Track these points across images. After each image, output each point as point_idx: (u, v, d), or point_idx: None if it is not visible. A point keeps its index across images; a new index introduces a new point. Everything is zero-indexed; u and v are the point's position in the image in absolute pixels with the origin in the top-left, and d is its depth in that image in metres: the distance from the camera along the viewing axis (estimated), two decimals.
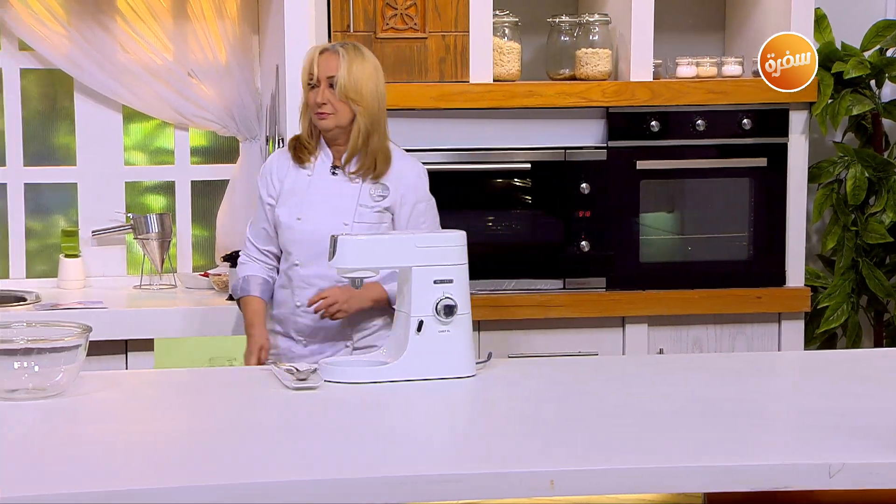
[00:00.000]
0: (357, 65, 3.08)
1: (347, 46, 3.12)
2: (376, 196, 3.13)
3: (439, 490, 2.04)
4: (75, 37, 3.92)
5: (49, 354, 2.52)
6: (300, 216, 3.14)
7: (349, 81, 3.07)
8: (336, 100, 3.07)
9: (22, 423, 2.38)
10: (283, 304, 3.20)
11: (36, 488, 1.97)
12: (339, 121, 3.10)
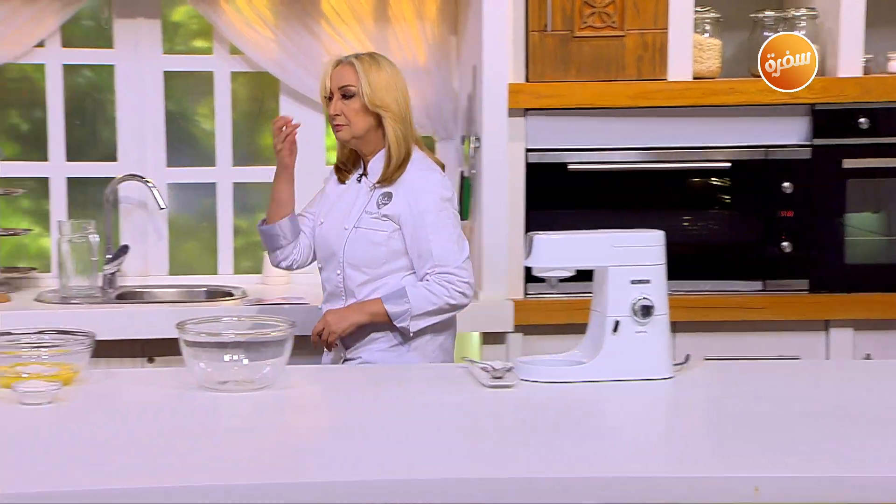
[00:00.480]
0: (374, 73, 3.05)
1: (362, 57, 3.09)
2: (381, 203, 3.08)
3: (640, 492, 2.01)
4: (282, 40, 4.05)
5: (257, 348, 2.62)
6: (322, 220, 3.19)
7: (371, 90, 3.04)
8: (350, 111, 3.05)
9: (234, 413, 2.47)
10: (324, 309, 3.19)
11: (254, 476, 2.04)
12: (354, 131, 3.07)
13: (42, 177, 4.07)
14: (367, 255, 3.07)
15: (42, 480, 1.99)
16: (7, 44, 3.88)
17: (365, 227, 3.07)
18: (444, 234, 3.04)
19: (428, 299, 3.03)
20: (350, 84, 3.04)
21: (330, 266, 3.14)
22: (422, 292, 3.03)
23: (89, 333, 2.72)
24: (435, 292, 3.03)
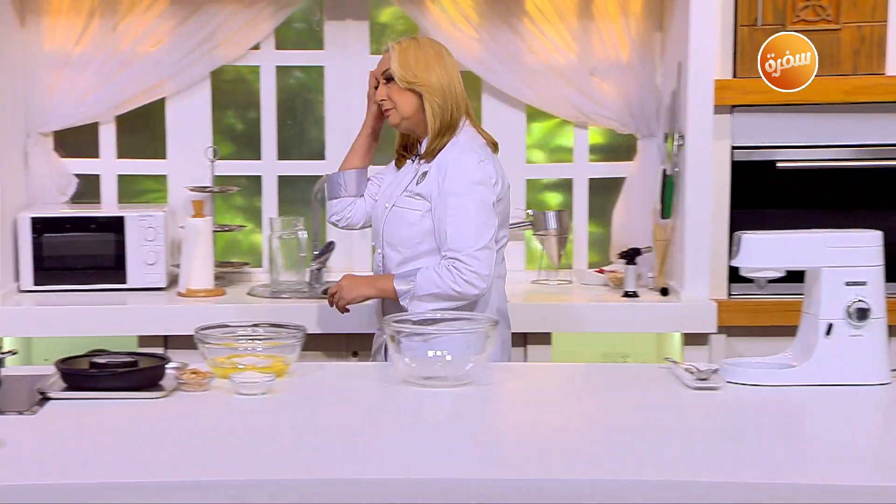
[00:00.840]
0: (411, 52, 3.03)
1: (402, 39, 3.09)
2: (420, 181, 3.04)
3: (850, 499, 1.94)
4: (486, 39, 4.08)
5: (461, 344, 2.64)
6: (377, 198, 3.20)
7: (402, 68, 3.02)
8: (393, 93, 3.05)
9: (437, 408, 2.50)
10: None
11: (456, 471, 2.06)
12: (402, 113, 3.06)
13: (255, 175, 4.22)
14: (401, 233, 3.04)
15: (256, 468, 2.07)
16: (225, 47, 4.04)
17: (401, 205, 3.05)
18: (462, 219, 2.94)
19: (433, 282, 2.95)
20: (388, 67, 3.06)
21: (376, 245, 3.16)
22: (430, 275, 2.96)
23: (301, 327, 2.80)
24: (442, 276, 2.95)
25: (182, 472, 2.04)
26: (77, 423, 2.32)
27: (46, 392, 2.48)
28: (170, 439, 2.25)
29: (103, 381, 2.51)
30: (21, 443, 2.17)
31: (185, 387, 2.56)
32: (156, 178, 4.21)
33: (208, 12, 3.99)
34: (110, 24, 3.96)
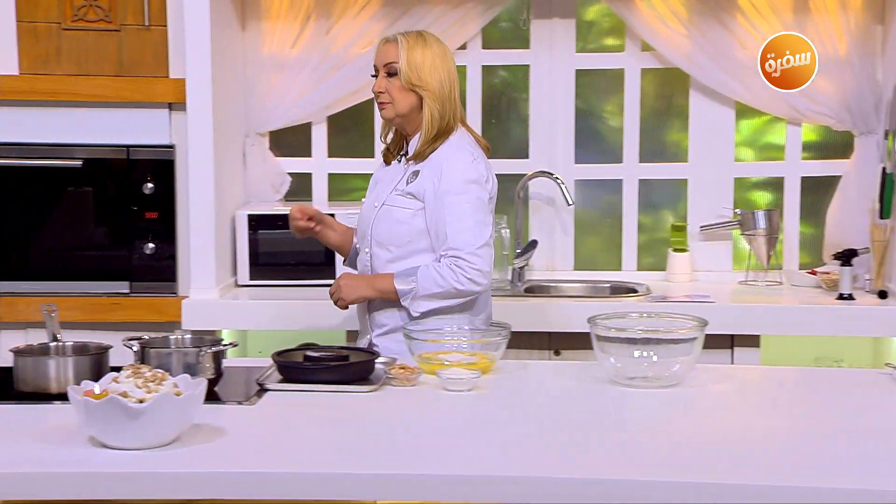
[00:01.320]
0: (418, 51, 2.96)
1: (409, 34, 2.99)
2: (409, 180, 3.00)
3: None
4: (695, 35, 4.01)
5: (667, 345, 2.61)
6: (364, 201, 3.14)
7: (409, 68, 2.95)
8: (394, 88, 2.97)
9: (642, 409, 2.48)
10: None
11: (659, 473, 2.04)
12: (398, 109, 2.99)
13: None
14: (391, 232, 3.00)
15: (462, 464, 2.09)
16: None
17: (391, 204, 3.01)
18: (461, 217, 2.92)
19: (435, 281, 2.92)
20: (393, 61, 2.97)
21: (362, 245, 3.10)
22: (431, 273, 2.93)
23: (506, 325, 2.82)
24: (444, 275, 2.92)
25: (391, 465, 2.08)
26: (292, 414, 2.40)
27: (264, 383, 2.58)
28: (379, 433, 2.30)
29: (317, 374, 2.59)
30: (241, 432, 2.26)
31: (394, 381, 2.61)
32: (364, 177, 4.30)
33: (418, 13, 4.06)
34: (324, 28, 4.08)
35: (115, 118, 3.73)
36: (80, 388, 2.17)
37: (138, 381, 2.15)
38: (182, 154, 3.75)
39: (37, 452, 2.10)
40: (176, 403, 2.12)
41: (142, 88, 3.70)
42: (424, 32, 3.02)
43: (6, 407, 2.42)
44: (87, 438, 2.14)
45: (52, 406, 2.42)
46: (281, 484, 2.01)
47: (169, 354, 2.61)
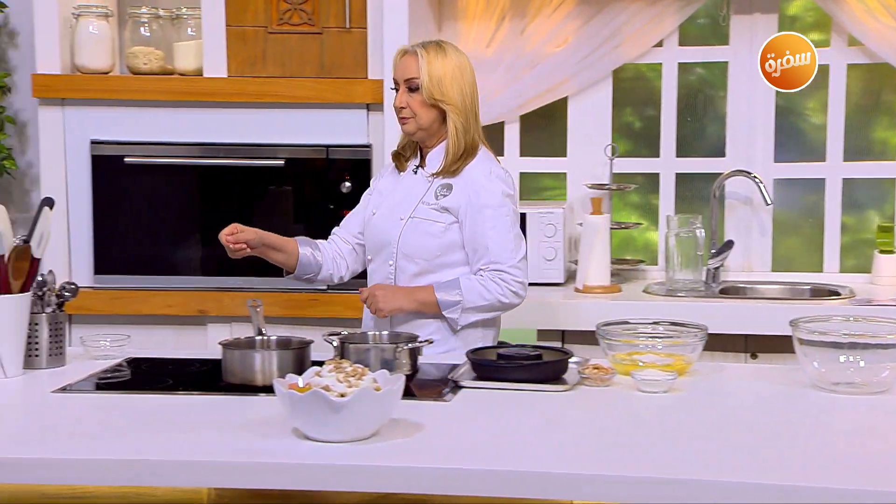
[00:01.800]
0: (438, 64, 2.93)
1: (428, 46, 2.96)
2: (439, 194, 2.98)
3: None
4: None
5: (875, 350, 2.51)
6: (375, 211, 3.08)
7: (431, 83, 2.93)
8: (416, 103, 2.95)
9: (848, 415, 2.39)
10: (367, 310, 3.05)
11: (865, 482, 1.97)
12: (420, 124, 2.97)
13: (652, 172, 4.22)
14: (422, 245, 2.98)
15: (656, 466, 2.06)
16: (628, 45, 4.07)
17: (421, 216, 2.98)
18: (502, 231, 2.95)
19: (481, 294, 2.94)
20: (414, 77, 2.94)
21: (381, 257, 3.02)
22: (475, 286, 2.95)
23: (702, 327, 2.77)
24: (489, 289, 2.94)
25: (587, 465, 2.07)
26: (487, 412, 2.42)
27: (459, 381, 2.61)
28: (574, 432, 2.29)
29: (511, 372, 2.60)
30: (438, 428, 2.29)
31: (588, 381, 2.60)
32: (555, 176, 4.30)
33: (613, 11, 4.03)
34: (519, 27, 4.09)
35: (315, 119, 3.83)
36: (285, 381, 2.24)
37: (340, 375, 2.20)
38: (378, 153, 3.83)
39: (244, 443, 2.18)
40: (376, 398, 2.17)
41: (342, 89, 3.80)
42: (443, 43, 3.00)
43: (215, 398, 2.52)
44: (291, 430, 2.21)
45: (258, 398, 2.51)
46: (478, 481, 2.03)
47: (367, 350, 2.67)
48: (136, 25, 3.94)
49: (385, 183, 3.12)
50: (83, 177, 3.88)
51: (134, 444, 2.17)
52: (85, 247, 3.90)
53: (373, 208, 3.09)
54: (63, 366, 2.76)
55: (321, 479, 2.05)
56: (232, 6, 3.82)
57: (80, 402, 2.49)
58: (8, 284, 2.65)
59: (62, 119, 3.88)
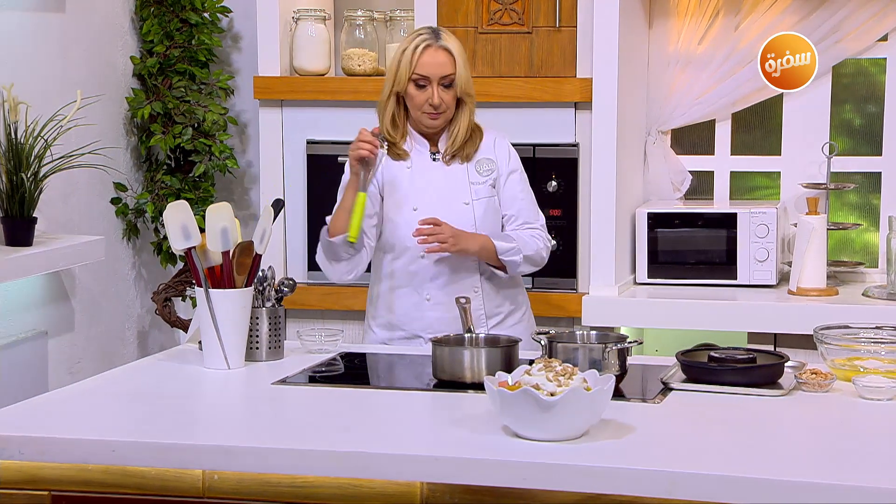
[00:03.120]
0: (464, 55, 3.00)
1: (443, 36, 2.98)
2: (484, 171, 3.06)
3: None
4: None
5: None
6: (416, 206, 2.99)
7: (464, 79, 2.99)
8: (450, 99, 2.98)
9: None
10: (407, 304, 3.03)
11: None
12: (448, 117, 3.02)
13: (872, 171, 4.05)
14: (495, 222, 3.06)
15: (880, 475, 1.98)
16: (850, 39, 3.91)
17: (483, 196, 3.04)
18: (528, 194, 3.12)
19: (528, 244, 3.04)
20: (451, 73, 2.96)
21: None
22: (522, 235, 3.05)
23: None
24: (539, 241, 3.07)
25: (807, 472, 2.01)
26: (699, 415, 2.38)
27: (669, 382, 2.57)
28: (792, 438, 2.23)
29: (723, 375, 2.55)
30: (648, 429, 2.27)
31: (805, 386, 2.52)
32: (768, 175, 4.18)
33: (834, 5, 3.89)
34: (733, 23, 4.00)
35: (524, 117, 3.85)
36: (495, 378, 2.26)
37: (549, 374, 2.21)
38: (585, 153, 3.81)
39: (456, 438, 2.21)
40: (586, 398, 2.16)
41: (550, 88, 3.80)
42: (446, 30, 3.05)
43: (425, 394, 2.57)
44: (501, 427, 2.23)
45: (467, 395, 2.54)
46: (689, 484, 2.00)
47: (576, 349, 2.66)
48: (351, 28, 4.04)
49: (393, 177, 3.04)
50: (299, 176, 4.01)
51: (349, 437, 2.23)
52: (300, 243, 4.03)
53: (409, 205, 3.02)
54: (281, 359, 2.86)
55: (531, 477, 2.06)
56: (444, 7, 3.87)
57: (297, 394, 2.58)
58: (232, 279, 2.77)
59: (280, 119, 4.02)
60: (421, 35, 3.00)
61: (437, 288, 3.04)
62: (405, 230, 3.01)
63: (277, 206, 2.87)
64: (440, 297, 3.03)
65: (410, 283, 3.06)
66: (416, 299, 3.05)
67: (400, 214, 3.04)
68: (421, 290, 3.05)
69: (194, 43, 4.12)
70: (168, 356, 2.93)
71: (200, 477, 2.19)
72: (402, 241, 3.03)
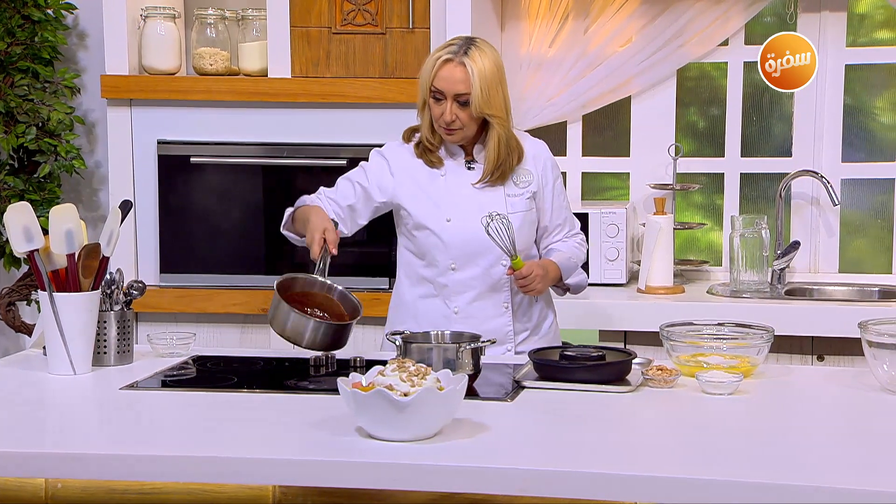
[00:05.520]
0: (487, 75, 2.83)
1: (470, 51, 2.84)
2: (521, 182, 2.97)
3: None
4: None
5: None
6: (449, 217, 2.92)
7: (482, 98, 2.83)
8: (465, 116, 2.86)
9: None
10: (435, 314, 2.94)
11: None
12: (466, 133, 2.91)
13: (716, 173, 4.18)
14: (530, 237, 3.01)
15: (720, 468, 2.04)
16: (693, 44, 4.03)
17: (520, 209, 2.96)
18: (566, 200, 3.09)
19: (581, 255, 3.06)
20: (465, 92, 2.84)
21: (485, 259, 2.93)
22: (571, 247, 3.05)
23: (768, 328, 2.74)
24: (582, 250, 3.08)
25: (651, 467, 2.06)
26: (550, 413, 2.41)
27: (521, 381, 2.60)
28: (638, 434, 2.28)
29: (574, 373, 2.59)
30: (501, 428, 2.29)
31: (651, 383, 2.58)
32: (618, 176, 4.28)
33: (678, 10, 4.00)
34: (582, 27, 4.07)
35: (378, 119, 3.84)
36: (349, 379, 2.25)
37: (403, 374, 2.21)
38: None
39: (309, 441, 2.20)
40: (439, 398, 2.17)
41: (405, 89, 3.80)
42: (481, 43, 2.89)
43: (279, 396, 2.54)
44: (355, 428, 2.22)
45: (322, 396, 2.51)
46: (541, 481, 2.02)
47: (430, 349, 2.67)
48: (202, 26, 3.98)
49: (423, 183, 2.96)
50: (150, 176, 3.93)
51: (200, 441, 2.19)
52: (151, 245, 3.95)
53: (442, 216, 2.94)
54: (130, 363, 2.80)
55: (385, 478, 2.06)
56: (296, 7, 3.84)
57: (147, 399, 2.53)
58: (78, 282, 2.69)
59: (130, 119, 3.93)
60: (448, 47, 2.89)
61: (466, 302, 2.96)
62: (437, 241, 2.95)
63: (125, 207, 2.81)
64: (468, 311, 2.96)
65: (440, 294, 2.97)
66: (444, 311, 2.97)
67: (433, 223, 2.95)
68: (450, 301, 2.97)
69: (37, 40, 3.99)
70: (11, 362, 2.84)
71: (43, 486, 2.13)
72: (433, 251, 2.96)
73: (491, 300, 2.97)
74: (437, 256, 2.95)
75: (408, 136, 3.03)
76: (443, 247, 2.94)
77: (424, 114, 2.95)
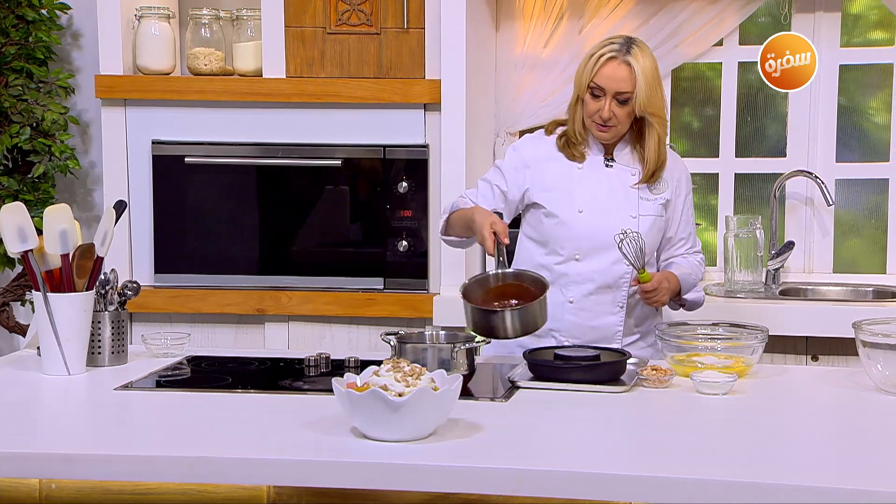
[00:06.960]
0: (648, 74, 2.84)
1: (633, 50, 2.85)
2: (656, 189, 2.98)
3: None
4: None
5: None
6: (581, 209, 2.93)
7: (645, 98, 2.85)
8: (623, 114, 2.87)
9: None
10: (550, 302, 2.81)
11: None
12: (620, 131, 2.92)
13: (711, 173, 4.19)
14: (656, 244, 3.01)
15: (716, 468, 2.04)
16: (688, 44, 4.03)
17: (651, 213, 2.96)
18: (693, 217, 3.10)
19: (695, 273, 3.05)
20: (628, 91, 2.85)
21: (601, 256, 2.93)
22: (691, 264, 3.05)
23: (763, 328, 2.74)
24: (702, 268, 3.09)
25: (645, 466, 2.06)
26: (544, 413, 2.41)
27: (516, 381, 2.60)
28: (632, 434, 2.28)
29: (568, 372, 2.59)
30: (495, 428, 2.29)
31: (646, 383, 2.59)
32: None
33: (672, 10, 4.00)
34: (576, 27, 4.08)
35: (373, 119, 3.85)
36: (343, 380, 2.25)
37: (398, 374, 2.21)
38: (435, 154, 3.83)
39: (303, 441, 2.19)
40: (433, 398, 2.17)
41: (399, 90, 3.81)
42: (640, 43, 2.90)
43: (274, 396, 2.54)
44: (350, 429, 2.22)
45: (317, 396, 2.52)
46: (535, 481, 2.02)
47: (425, 350, 2.67)
48: (196, 26, 3.98)
49: (559, 175, 2.97)
50: (144, 176, 3.93)
51: (194, 442, 2.19)
52: (146, 245, 3.95)
53: (575, 206, 2.94)
54: (125, 363, 2.80)
55: (380, 478, 2.06)
56: (291, 7, 3.84)
57: (141, 399, 2.53)
58: (72, 283, 2.69)
59: (124, 119, 3.93)
60: (610, 45, 2.89)
61: (583, 294, 2.96)
62: (566, 230, 2.95)
63: (119, 207, 2.80)
64: (584, 303, 2.96)
65: (557, 282, 2.96)
66: (559, 299, 2.95)
67: (564, 212, 2.96)
68: (566, 291, 2.97)
69: (31, 40, 3.99)
70: (5, 362, 2.83)
71: (37, 486, 2.13)
72: (559, 240, 2.96)
73: (608, 296, 2.97)
74: (563, 244, 2.95)
75: (552, 129, 3.04)
76: (571, 236, 2.95)
77: (577, 109, 2.94)
